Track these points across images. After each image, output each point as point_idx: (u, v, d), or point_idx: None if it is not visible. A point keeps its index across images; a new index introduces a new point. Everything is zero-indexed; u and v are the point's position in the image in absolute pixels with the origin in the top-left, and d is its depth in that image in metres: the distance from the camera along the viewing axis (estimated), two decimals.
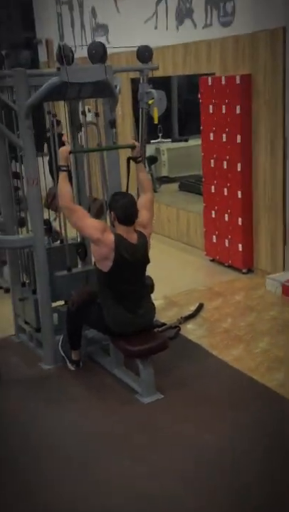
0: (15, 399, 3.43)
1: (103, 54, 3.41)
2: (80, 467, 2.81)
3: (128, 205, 3.29)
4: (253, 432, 3.00)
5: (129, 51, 5.41)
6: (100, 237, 3.20)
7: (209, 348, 3.89)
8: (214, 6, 5.13)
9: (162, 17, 5.88)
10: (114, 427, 3.12)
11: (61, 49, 3.21)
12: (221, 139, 5.14)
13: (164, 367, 3.57)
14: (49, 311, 3.67)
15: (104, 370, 3.63)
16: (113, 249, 3.20)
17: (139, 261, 3.32)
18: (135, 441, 2.99)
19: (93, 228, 3.23)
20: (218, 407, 3.24)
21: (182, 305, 4.64)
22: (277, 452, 2.85)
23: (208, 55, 5.32)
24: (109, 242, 3.21)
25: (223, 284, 5.08)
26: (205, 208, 5.61)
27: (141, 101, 3.99)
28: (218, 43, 5.15)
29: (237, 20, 4.92)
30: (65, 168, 3.34)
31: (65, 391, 3.46)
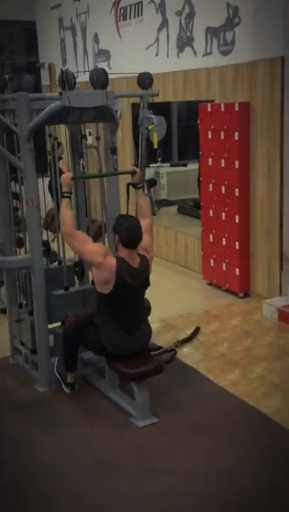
0: (9, 421, 3.41)
1: (105, 80, 3.48)
2: (75, 492, 2.78)
3: (132, 228, 3.30)
4: (248, 459, 2.98)
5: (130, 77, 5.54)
6: (101, 262, 3.22)
7: (205, 373, 3.89)
8: (214, 35, 5.27)
9: (163, 44, 6.02)
10: (108, 451, 3.09)
11: (63, 74, 3.28)
12: (220, 165, 5.22)
13: (159, 390, 3.56)
14: (45, 332, 3.68)
15: (100, 393, 3.62)
16: (114, 273, 3.22)
17: (139, 285, 3.34)
18: (130, 465, 2.96)
19: (95, 253, 3.25)
20: (213, 433, 3.23)
21: (179, 328, 4.65)
22: (273, 479, 2.82)
23: (208, 82, 5.44)
24: (110, 266, 3.22)
25: (220, 307, 5.09)
26: (203, 231, 5.66)
27: (141, 126, 4.06)
28: (218, 71, 5.27)
29: (236, 49, 5.04)
30: (68, 195, 3.38)
31: (59, 414, 3.45)
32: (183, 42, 5.72)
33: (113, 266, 3.22)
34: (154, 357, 3.56)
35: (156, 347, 4.16)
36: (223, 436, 3.19)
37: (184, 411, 3.44)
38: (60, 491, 2.80)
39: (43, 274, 3.61)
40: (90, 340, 3.44)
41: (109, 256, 3.26)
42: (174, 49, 5.87)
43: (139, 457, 3.03)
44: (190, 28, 5.58)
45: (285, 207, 4.80)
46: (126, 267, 3.25)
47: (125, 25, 6.70)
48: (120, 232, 3.30)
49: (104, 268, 3.22)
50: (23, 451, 3.12)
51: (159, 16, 6.00)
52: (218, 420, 3.35)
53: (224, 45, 5.17)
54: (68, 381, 3.66)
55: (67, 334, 3.51)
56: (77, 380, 3.70)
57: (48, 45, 8.68)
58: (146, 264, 3.38)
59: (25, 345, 3.91)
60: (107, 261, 3.22)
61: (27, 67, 8.93)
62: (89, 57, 7.62)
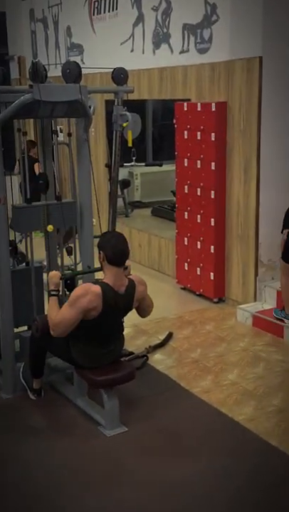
0: None
1: (78, 74, 3.47)
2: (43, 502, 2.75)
3: (117, 243, 3.20)
4: (219, 468, 3.00)
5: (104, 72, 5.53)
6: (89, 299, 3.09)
7: (177, 379, 3.90)
8: (191, 32, 5.31)
9: (139, 40, 6.04)
10: (76, 461, 3.07)
11: (34, 66, 3.26)
12: (196, 165, 5.26)
13: (129, 398, 3.56)
14: (11, 336, 3.63)
15: (67, 400, 3.59)
16: (101, 301, 3.13)
17: (122, 310, 3.30)
18: (98, 476, 2.95)
19: (77, 301, 3.10)
20: (184, 441, 3.24)
21: (151, 334, 4.66)
22: (244, 487, 2.85)
23: (184, 80, 5.48)
24: (96, 294, 3.11)
25: (194, 313, 5.12)
26: (177, 234, 5.69)
27: (115, 123, 4.06)
28: (195, 69, 5.32)
29: (214, 47, 5.09)
30: (55, 293, 3.29)
31: (25, 422, 3.41)
32: (159, 38, 5.75)
33: (98, 293, 3.12)
34: (124, 363, 3.55)
35: (127, 352, 4.15)
36: (194, 444, 3.21)
37: (154, 419, 3.44)
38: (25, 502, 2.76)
39: (9, 275, 3.57)
40: (57, 348, 3.41)
41: (90, 287, 3.15)
42: (149, 45, 5.90)
43: (108, 467, 3.02)
44: (166, 24, 5.61)
45: (261, 210, 4.87)
46: (111, 294, 3.17)
47: (99, 19, 6.70)
48: (105, 248, 3.20)
49: (94, 302, 3.11)
50: None
51: (135, 11, 6.02)
52: (190, 428, 3.36)
53: (201, 42, 5.23)
54: (34, 387, 3.62)
55: (34, 339, 3.47)
56: (44, 386, 3.66)
57: (18, 37, 8.61)
58: (133, 290, 3.27)
59: None
60: (91, 292, 3.11)
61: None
62: (61, 51, 7.60)
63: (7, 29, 8.78)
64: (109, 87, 4.29)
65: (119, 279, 3.24)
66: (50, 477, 2.95)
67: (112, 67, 4.08)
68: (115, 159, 4.25)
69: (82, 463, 3.06)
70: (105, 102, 6.52)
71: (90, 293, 3.13)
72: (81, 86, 3.49)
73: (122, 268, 3.25)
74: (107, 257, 3.21)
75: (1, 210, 3.51)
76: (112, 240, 3.24)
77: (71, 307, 3.13)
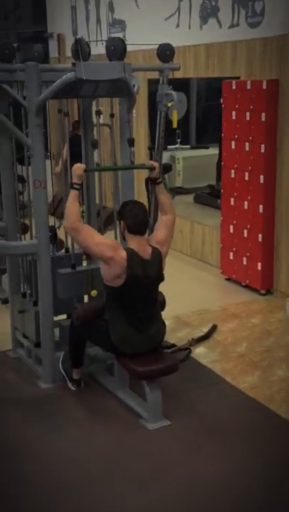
0: (10, 421, 3.45)
1: (123, 51, 3.49)
2: (80, 496, 2.82)
3: (138, 213, 3.35)
4: (265, 467, 3.01)
5: (147, 50, 5.53)
6: (111, 256, 3.23)
7: (222, 374, 3.92)
8: (242, 5, 5.25)
9: (185, 15, 6.01)
10: (117, 455, 3.14)
11: (78, 43, 3.30)
12: (244, 148, 5.22)
13: (172, 391, 3.60)
14: (51, 324, 3.71)
15: (107, 392, 3.66)
16: (125, 267, 3.24)
17: (151, 278, 3.36)
18: (139, 470, 3.00)
19: (104, 246, 3.27)
20: (228, 438, 3.26)
21: (194, 326, 4.68)
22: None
23: (234, 57, 5.42)
24: (121, 259, 3.24)
25: (239, 305, 5.11)
26: (222, 222, 5.67)
27: (159, 103, 4.06)
28: (245, 45, 5.26)
29: (266, 21, 5.02)
30: (78, 187, 3.38)
31: (64, 414, 3.49)
32: (207, 12, 5.71)
33: (124, 259, 3.24)
34: (167, 355, 3.59)
35: (169, 345, 4.19)
36: (239, 442, 3.22)
37: (198, 414, 3.47)
38: (65, 494, 2.84)
39: (49, 261, 3.64)
40: (98, 336, 3.48)
41: (119, 249, 3.28)
42: (196, 20, 5.86)
43: (149, 462, 3.07)
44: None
45: None
46: (136, 259, 3.28)
47: None
48: (125, 217, 3.35)
49: (114, 262, 3.23)
50: (24, 454, 3.15)
51: None
52: (235, 425, 3.38)
53: (253, 16, 5.16)
54: (74, 378, 3.70)
55: (74, 327, 3.55)
56: (84, 377, 3.74)
57: (58, 14, 8.68)
58: (159, 258, 3.39)
59: (29, 339, 3.96)
60: (118, 254, 3.24)
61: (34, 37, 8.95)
62: (102, 28, 7.62)
63: (46, 5, 8.85)
64: (153, 65, 4.30)
65: (143, 246, 3.34)
66: (88, 470, 3.02)
67: (157, 43, 4.08)
68: (159, 142, 4.26)
69: (122, 456, 3.12)
70: (148, 81, 6.53)
71: (116, 253, 3.24)
72: (125, 64, 3.52)
73: (144, 236, 3.35)
74: (128, 227, 3.33)
75: (41, 195, 3.58)
76: (132, 210, 3.35)
77: (95, 245, 3.28)
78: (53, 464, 3.07)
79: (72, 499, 2.82)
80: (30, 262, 3.89)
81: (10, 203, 3.97)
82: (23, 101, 3.51)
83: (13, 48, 3.63)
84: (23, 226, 4.17)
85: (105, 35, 7.45)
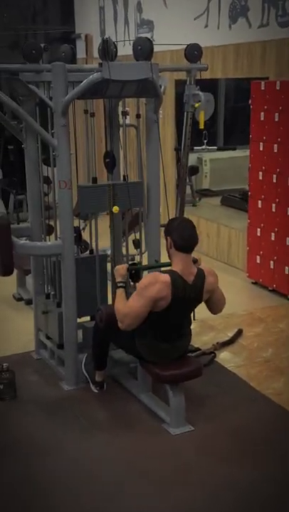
0: (33, 422, 3.47)
1: (150, 51, 3.50)
2: (104, 500, 2.83)
3: (186, 228, 3.22)
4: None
5: (175, 50, 5.54)
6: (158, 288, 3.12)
7: (247, 379, 3.89)
8: (272, 5, 5.22)
9: (214, 14, 6.00)
10: (138, 458, 3.13)
11: (105, 43, 3.32)
12: (272, 150, 5.17)
13: (195, 396, 3.58)
14: (74, 326, 3.73)
15: (130, 395, 3.66)
16: (170, 292, 3.15)
17: (191, 300, 3.30)
18: (161, 474, 2.99)
19: (146, 289, 3.13)
20: (253, 445, 3.23)
21: (219, 330, 4.65)
22: None
23: (263, 57, 5.39)
24: (166, 284, 3.13)
25: (266, 309, 5.06)
26: (249, 224, 5.63)
27: (187, 103, 4.06)
28: (275, 45, 5.22)
29: None
30: (122, 285, 3.34)
31: (87, 416, 3.50)
32: (236, 12, 5.69)
33: (168, 282, 3.13)
34: (191, 359, 3.57)
35: (193, 348, 4.17)
36: (264, 449, 3.19)
37: (222, 419, 3.45)
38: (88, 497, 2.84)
39: (73, 262, 3.66)
40: (122, 339, 3.48)
41: (158, 276, 3.18)
42: (225, 19, 5.84)
43: (171, 466, 3.06)
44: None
45: None
46: (180, 283, 3.18)
47: None
48: (172, 232, 3.21)
49: (164, 292, 3.14)
50: (46, 456, 3.17)
51: None
52: (260, 431, 3.34)
53: (283, 15, 5.12)
54: (97, 380, 3.71)
55: (98, 329, 3.55)
56: (107, 379, 3.75)
57: (86, 15, 8.74)
58: (202, 279, 3.27)
59: (52, 340, 3.98)
60: (160, 281, 3.14)
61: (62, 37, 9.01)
62: (130, 28, 7.65)
63: (74, 6, 8.92)
64: (181, 65, 4.30)
65: (188, 266, 3.24)
66: (109, 473, 3.02)
67: (185, 43, 4.08)
68: (185, 143, 4.26)
69: (144, 460, 3.12)
70: (175, 82, 6.53)
71: (158, 282, 3.16)
72: (152, 64, 3.52)
73: (190, 255, 3.26)
74: (175, 243, 3.22)
75: (66, 195, 3.60)
76: (179, 226, 3.26)
77: (139, 296, 3.17)
78: (75, 466, 3.08)
79: (94, 501, 2.83)
80: (54, 263, 3.92)
81: (35, 204, 4.00)
82: (50, 101, 3.54)
83: (40, 48, 3.67)
84: (48, 227, 4.20)
85: (133, 35, 7.48)
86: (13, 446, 3.26)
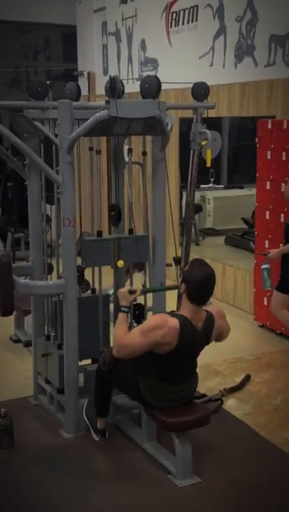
0: (31, 472, 3.41)
1: (157, 89, 3.59)
2: None
3: (207, 282, 3.18)
4: None
5: (180, 88, 5.67)
6: (163, 333, 3.11)
7: (256, 428, 3.84)
8: (279, 44, 5.37)
9: (219, 53, 6.16)
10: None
11: (112, 81, 3.41)
12: (279, 189, 5.24)
13: (202, 445, 3.53)
14: (75, 369, 3.70)
15: (134, 444, 3.61)
16: (177, 336, 3.15)
17: (198, 346, 3.31)
18: None
19: (151, 330, 3.13)
20: (262, 498, 3.17)
21: (226, 375, 4.62)
22: None
23: (269, 96, 5.52)
24: (173, 330, 3.12)
25: (274, 354, 5.03)
26: (256, 264, 5.64)
27: (193, 141, 4.14)
28: (281, 84, 5.35)
29: None
30: (126, 310, 3.36)
31: (88, 466, 3.44)
32: (242, 51, 5.85)
33: (176, 329, 3.12)
34: (198, 405, 3.53)
35: (199, 395, 4.13)
36: (274, 503, 3.13)
37: (231, 470, 3.39)
38: None
39: (76, 302, 3.66)
40: (125, 383, 3.45)
41: (167, 320, 3.16)
42: (231, 59, 6.00)
43: None
44: (251, 36, 5.70)
45: None
46: (189, 329, 3.18)
47: (177, 31, 6.89)
48: (190, 282, 3.16)
49: (168, 337, 3.13)
50: (43, 508, 3.11)
51: (216, 22, 6.16)
52: (271, 484, 3.29)
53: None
54: (98, 427, 3.66)
55: (100, 373, 3.53)
56: (109, 426, 3.70)
57: (89, 52, 8.97)
58: (211, 322, 3.29)
59: (51, 384, 3.95)
60: (168, 326, 3.13)
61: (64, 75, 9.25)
62: (134, 66, 7.85)
63: (77, 43, 9.16)
64: (188, 103, 4.40)
65: (198, 313, 3.25)
66: None
67: (189, 82, 4.18)
68: (192, 181, 4.32)
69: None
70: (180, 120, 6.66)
71: (166, 326, 3.15)
72: (160, 102, 3.61)
73: (202, 307, 3.26)
74: (190, 294, 3.19)
75: (70, 233, 3.63)
76: (200, 276, 3.17)
77: (144, 335, 3.17)
78: None
79: None
80: (55, 303, 3.92)
81: (37, 242, 4.04)
82: (55, 138, 3.61)
83: (46, 85, 3.76)
84: (49, 266, 4.22)
85: (137, 73, 7.66)
86: (10, 497, 3.19)
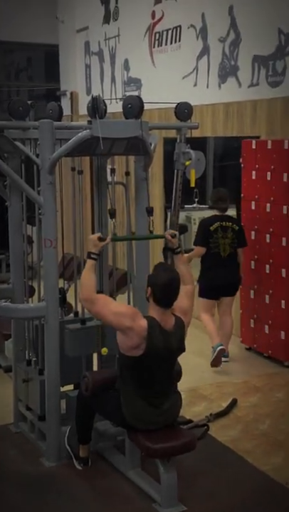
0: (11, 502, 3.36)
1: (140, 109, 3.63)
2: None
3: (169, 284, 3.26)
4: None
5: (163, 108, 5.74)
6: (130, 326, 3.18)
7: (243, 454, 3.82)
8: (262, 64, 5.48)
9: (203, 74, 6.26)
10: None
11: (95, 101, 3.44)
12: (265, 209, 5.30)
13: (188, 472, 3.51)
14: (57, 395, 3.68)
15: (117, 472, 3.57)
16: (145, 337, 3.19)
17: (172, 350, 3.33)
18: None
19: (120, 315, 3.22)
20: None
21: (212, 400, 4.61)
22: None
23: (253, 116, 5.61)
24: (141, 329, 3.19)
25: (262, 377, 5.04)
26: (242, 286, 5.67)
27: (177, 161, 4.18)
28: (265, 104, 5.45)
29: (288, 80, 5.21)
30: (95, 256, 3.42)
31: (70, 495, 3.40)
32: (226, 71, 5.95)
33: (144, 329, 3.19)
34: (183, 431, 3.52)
35: (185, 420, 4.12)
36: None
37: (216, 499, 3.37)
38: None
39: (57, 325, 3.65)
40: (108, 408, 3.43)
41: (138, 317, 3.23)
42: (215, 79, 6.10)
43: None
44: (235, 56, 5.81)
45: None
46: (157, 330, 3.24)
47: (160, 51, 7.01)
48: (154, 285, 3.27)
49: (133, 332, 3.19)
50: None
51: (200, 42, 6.27)
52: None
53: (273, 75, 5.37)
54: (81, 455, 3.63)
55: (82, 398, 3.51)
56: (91, 454, 3.66)
57: (71, 72, 9.07)
58: (182, 330, 3.36)
59: (32, 411, 3.91)
60: (137, 323, 3.20)
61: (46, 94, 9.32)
62: (117, 86, 7.94)
63: (60, 63, 9.26)
64: (172, 123, 4.45)
65: (166, 316, 3.31)
66: None
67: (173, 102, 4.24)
68: (176, 201, 4.35)
69: None
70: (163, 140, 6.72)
71: (135, 321, 3.20)
72: (142, 122, 3.65)
73: (169, 310, 3.31)
74: (155, 297, 3.28)
75: (51, 254, 3.63)
76: (163, 279, 3.27)
77: (113, 314, 3.24)
78: None
79: None
80: (36, 327, 3.90)
81: (18, 264, 4.03)
82: (36, 159, 3.63)
83: (27, 105, 3.80)
84: (30, 288, 4.21)
85: (120, 93, 7.75)
86: None
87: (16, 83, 9.75)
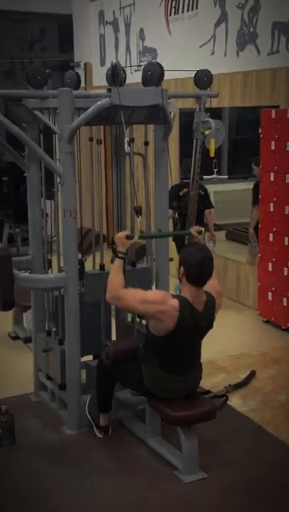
0: (33, 470, 3.43)
1: (160, 76, 3.61)
2: None
3: (204, 262, 3.23)
4: None
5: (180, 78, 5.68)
6: (161, 309, 3.18)
7: (262, 424, 3.86)
8: (282, 31, 5.39)
9: (221, 42, 6.18)
10: (148, 509, 3.10)
11: (114, 68, 3.42)
12: (284, 180, 5.27)
13: (208, 441, 3.55)
14: (77, 364, 3.72)
15: (138, 440, 3.63)
16: (177, 317, 3.19)
17: (201, 328, 3.34)
18: None
19: (150, 302, 3.20)
20: (269, 494, 3.20)
21: (230, 371, 4.64)
22: None
23: (273, 85, 5.54)
24: (172, 309, 3.17)
25: (280, 350, 5.06)
26: (260, 259, 5.67)
27: (196, 131, 4.15)
28: (285, 72, 5.38)
29: None
30: (122, 255, 3.39)
31: (90, 463, 3.47)
32: (244, 39, 5.87)
33: (175, 309, 3.18)
34: (204, 399, 3.56)
35: (204, 391, 4.15)
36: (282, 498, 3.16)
37: (237, 467, 3.42)
38: None
39: (77, 296, 3.68)
40: (130, 377, 3.48)
41: (168, 299, 3.22)
42: (233, 47, 6.02)
43: None
44: (254, 23, 5.73)
45: None
46: (189, 311, 3.23)
47: (176, 19, 6.91)
48: (188, 265, 3.23)
49: (165, 315, 3.18)
50: (46, 505, 3.14)
51: (218, 10, 6.18)
52: (276, 480, 3.32)
53: None
54: (101, 424, 3.68)
55: (103, 367, 3.55)
56: (112, 423, 3.72)
57: (85, 42, 8.99)
58: (213, 307, 3.35)
59: (53, 380, 3.97)
60: (167, 305, 3.19)
61: (60, 66, 9.25)
62: (132, 56, 7.86)
63: (74, 33, 9.16)
64: (191, 92, 4.42)
65: (199, 296, 3.30)
66: None
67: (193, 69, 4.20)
68: (195, 171, 4.33)
69: (154, 510, 3.07)
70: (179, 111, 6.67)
71: (166, 304, 3.20)
72: (163, 89, 3.63)
73: (202, 288, 3.30)
74: (189, 276, 3.25)
75: (71, 225, 3.65)
76: (197, 259, 3.23)
77: (142, 304, 3.22)
78: None
79: None
80: (56, 298, 3.94)
81: (36, 236, 4.06)
82: (56, 128, 3.63)
83: (45, 73, 3.78)
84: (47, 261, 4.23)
85: (135, 63, 7.68)
86: (13, 495, 3.22)
87: (30, 54, 9.67)
